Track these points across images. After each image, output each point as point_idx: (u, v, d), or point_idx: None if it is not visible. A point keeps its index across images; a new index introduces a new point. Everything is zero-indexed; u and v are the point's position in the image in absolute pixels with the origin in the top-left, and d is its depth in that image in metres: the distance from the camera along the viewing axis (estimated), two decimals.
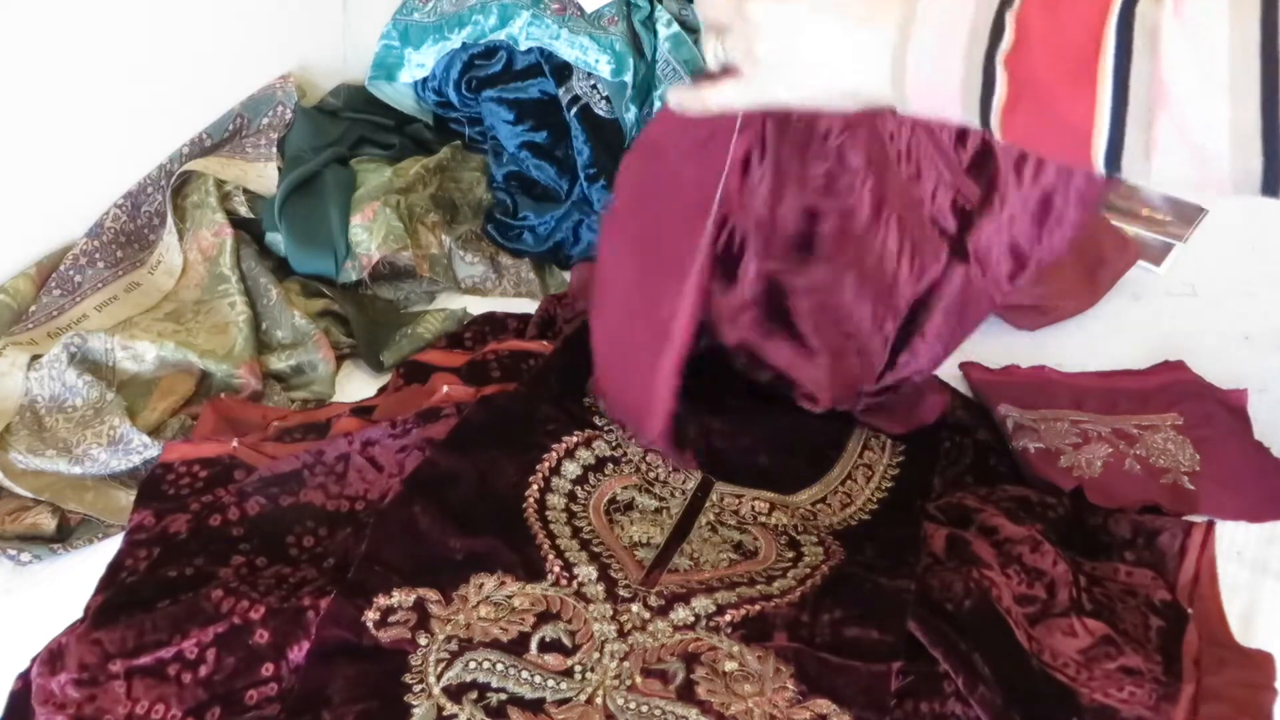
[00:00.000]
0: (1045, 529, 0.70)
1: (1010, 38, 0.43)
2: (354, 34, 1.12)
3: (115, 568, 0.66)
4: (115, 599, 0.63)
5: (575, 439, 0.75)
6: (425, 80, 1.11)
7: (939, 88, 0.47)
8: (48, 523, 0.72)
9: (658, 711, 0.57)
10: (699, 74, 0.58)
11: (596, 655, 0.60)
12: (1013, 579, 0.66)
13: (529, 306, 0.95)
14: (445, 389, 0.78)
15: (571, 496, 0.71)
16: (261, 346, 0.87)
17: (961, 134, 0.68)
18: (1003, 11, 0.44)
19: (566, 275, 1.00)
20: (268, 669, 0.59)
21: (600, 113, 1.02)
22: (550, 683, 0.58)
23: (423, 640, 0.60)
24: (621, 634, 0.61)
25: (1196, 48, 0.38)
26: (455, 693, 0.57)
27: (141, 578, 0.65)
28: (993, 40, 0.44)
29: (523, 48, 1.03)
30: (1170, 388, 0.86)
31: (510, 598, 0.63)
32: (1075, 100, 0.42)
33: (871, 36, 0.48)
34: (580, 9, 1.02)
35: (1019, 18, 0.43)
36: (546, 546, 0.67)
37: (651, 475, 0.74)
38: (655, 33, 1.05)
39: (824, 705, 0.57)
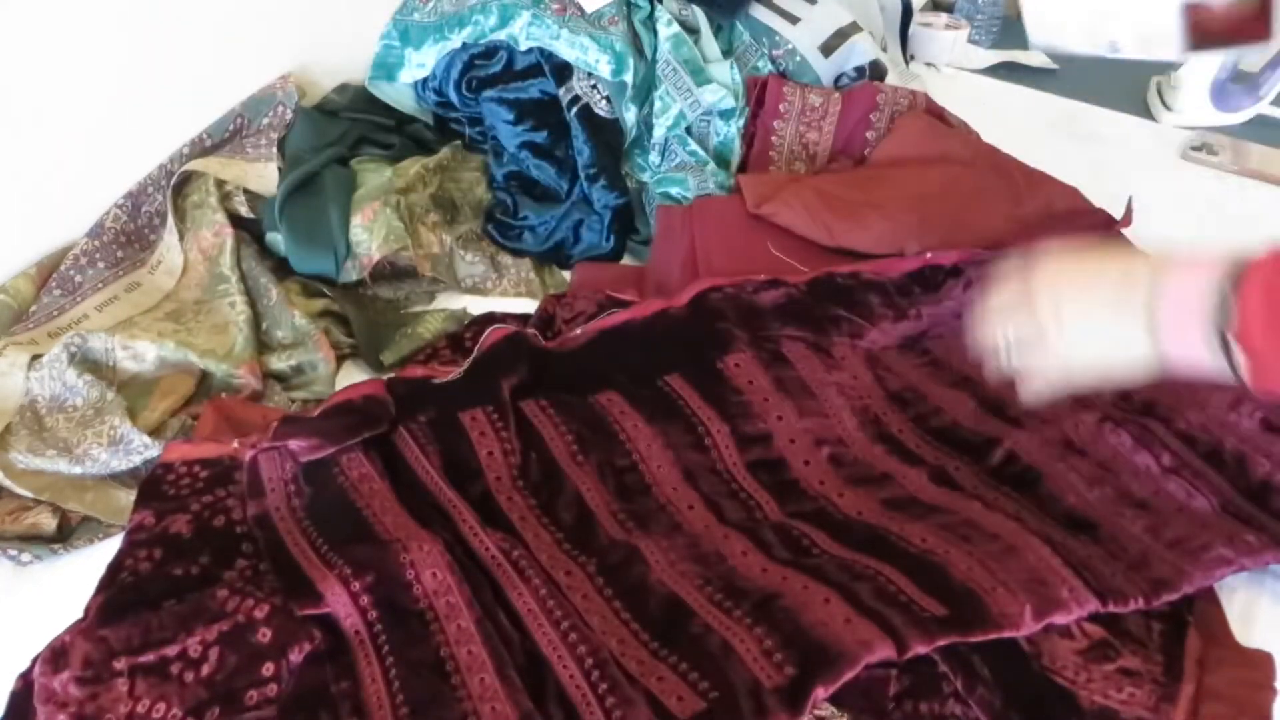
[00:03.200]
0: None
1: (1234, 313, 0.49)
2: (354, 34, 1.12)
3: (115, 568, 0.66)
4: (121, 597, 0.63)
5: None
6: (425, 80, 1.11)
7: (1192, 361, 0.53)
8: (48, 523, 0.72)
9: None
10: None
11: None
12: None
13: (529, 306, 0.95)
14: None
15: None
16: (262, 346, 0.87)
17: None
18: (1225, 289, 0.50)
19: (566, 275, 1.00)
20: (268, 669, 0.59)
21: (600, 113, 1.02)
22: None
23: None
24: None
25: None
26: None
27: (148, 576, 0.65)
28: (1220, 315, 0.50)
29: (523, 48, 1.03)
30: None
31: None
32: None
33: (1128, 325, 0.55)
34: (580, 9, 1.02)
35: (1241, 297, 0.49)
36: None
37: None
38: (655, 33, 1.05)
39: (823, 707, 0.57)
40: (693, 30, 1.09)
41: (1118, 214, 0.96)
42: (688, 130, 1.05)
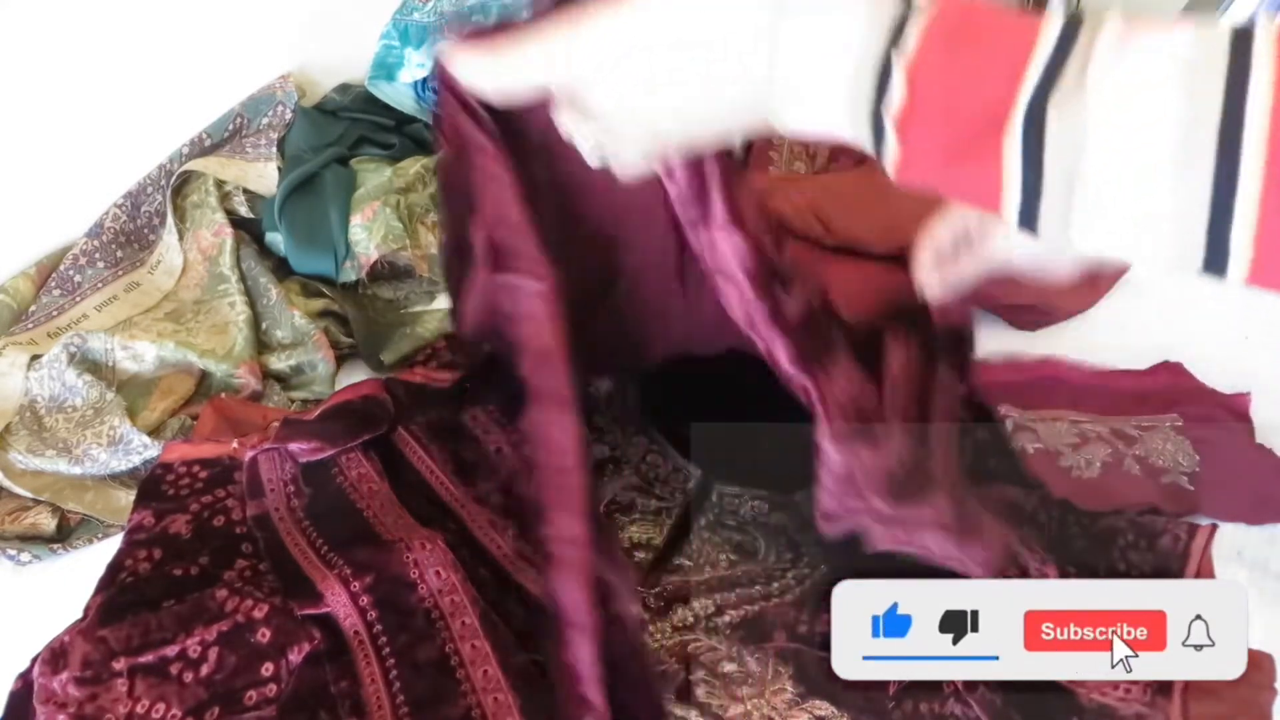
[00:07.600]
0: (1035, 532, 0.70)
1: (900, 97, 0.34)
2: (354, 34, 1.12)
3: (115, 568, 0.66)
4: (120, 597, 0.63)
5: None
6: (425, 80, 1.10)
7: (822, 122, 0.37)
8: (48, 523, 0.72)
9: None
10: None
11: None
12: None
13: None
14: None
15: None
16: (261, 346, 0.87)
17: None
18: (889, 56, 0.35)
19: None
20: (268, 669, 0.59)
21: None
22: None
23: None
24: None
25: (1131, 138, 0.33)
26: None
27: (147, 576, 0.65)
28: (879, 92, 0.35)
29: None
30: (1169, 390, 0.86)
31: None
32: (978, 177, 0.34)
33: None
34: None
35: (910, 74, 0.34)
36: None
37: (651, 475, 0.74)
38: None
39: (822, 707, 0.57)
40: None
41: None
42: None
